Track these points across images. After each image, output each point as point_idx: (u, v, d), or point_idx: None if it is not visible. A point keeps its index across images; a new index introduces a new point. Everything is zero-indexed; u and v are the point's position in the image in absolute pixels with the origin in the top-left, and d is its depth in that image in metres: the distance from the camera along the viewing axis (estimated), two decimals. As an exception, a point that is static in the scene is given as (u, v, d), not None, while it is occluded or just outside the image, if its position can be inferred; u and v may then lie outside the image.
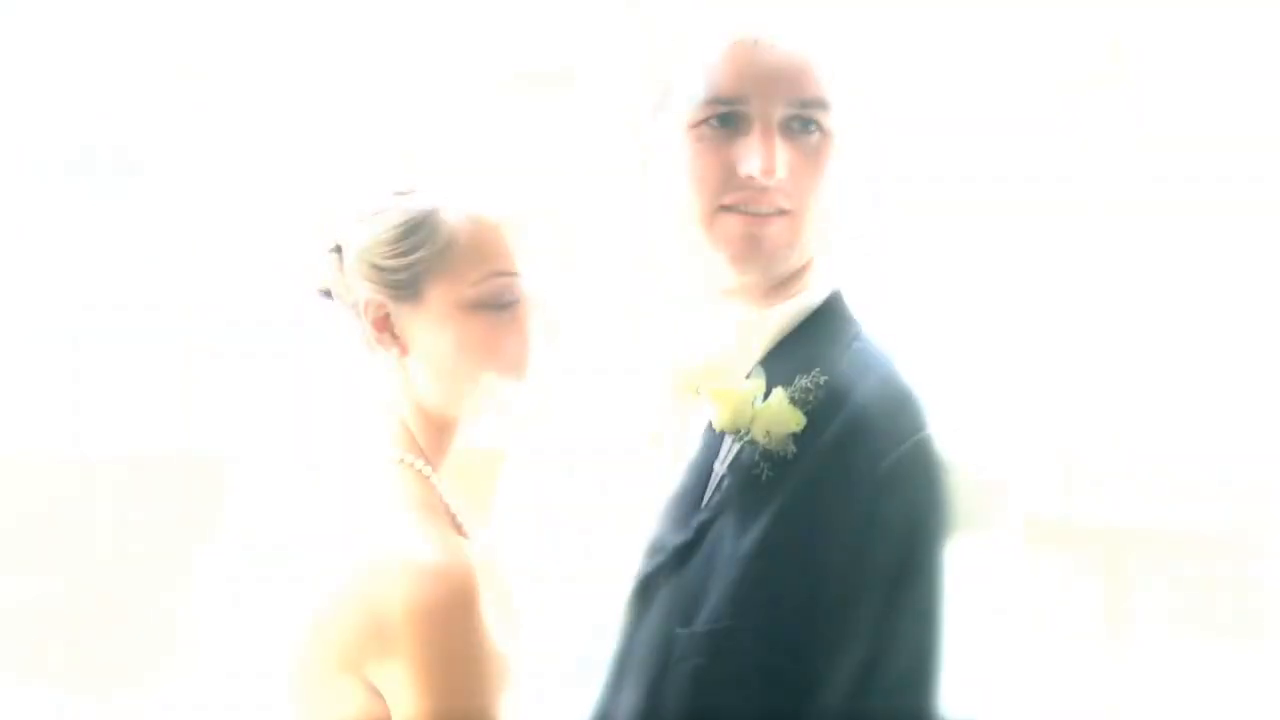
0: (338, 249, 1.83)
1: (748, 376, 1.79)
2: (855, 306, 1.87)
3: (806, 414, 1.75)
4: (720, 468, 1.80)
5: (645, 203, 1.89)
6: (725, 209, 1.78)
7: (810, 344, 1.81)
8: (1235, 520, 4.50)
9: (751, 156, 1.75)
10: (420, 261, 1.77)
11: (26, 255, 4.77)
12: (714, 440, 1.82)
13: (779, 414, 1.75)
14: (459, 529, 1.84)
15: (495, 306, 1.78)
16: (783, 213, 1.78)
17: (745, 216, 1.77)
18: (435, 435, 1.84)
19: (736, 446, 1.78)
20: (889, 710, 1.69)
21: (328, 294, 1.85)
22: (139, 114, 4.75)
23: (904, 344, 1.85)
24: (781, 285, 1.83)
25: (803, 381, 1.76)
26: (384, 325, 1.81)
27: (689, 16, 1.88)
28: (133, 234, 4.81)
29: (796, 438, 1.74)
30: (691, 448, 1.85)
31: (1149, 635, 4.51)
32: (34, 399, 4.81)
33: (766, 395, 1.77)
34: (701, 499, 1.80)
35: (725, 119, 1.77)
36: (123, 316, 4.87)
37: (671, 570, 1.78)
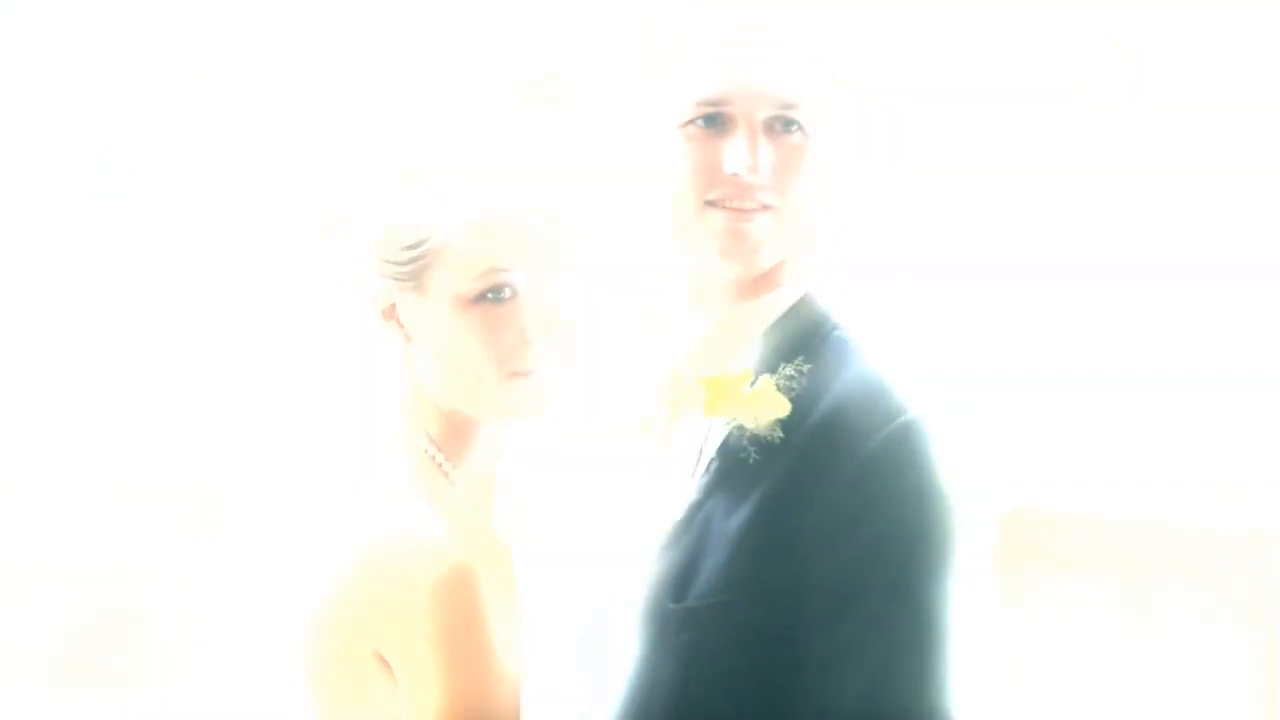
0: (353, 241, 1.91)
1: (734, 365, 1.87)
2: (836, 299, 1.94)
3: (791, 400, 1.82)
4: (709, 451, 1.87)
5: (641, 202, 1.96)
6: (711, 204, 1.85)
7: (793, 334, 1.89)
8: (1255, 516, 4.49)
9: (734, 155, 1.82)
10: (424, 255, 1.84)
11: (26, 265, 4.80)
12: (704, 425, 1.89)
13: (765, 400, 1.82)
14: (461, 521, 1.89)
15: (493, 301, 1.84)
16: (766, 208, 1.85)
17: (730, 211, 1.84)
18: (447, 426, 1.90)
19: (724, 431, 1.85)
20: (879, 697, 1.73)
21: (343, 284, 1.92)
22: (139, 118, 4.78)
23: (908, 335, 1.91)
24: (766, 278, 1.90)
25: (787, 369, 1.84)
26: (391, 314, 1.89)
27: (687, 18, 1.94)
28: (134, 237, 4.84)
29: (782, 423, 1.82)
30: (683, 433, 1.92)
31: (1168, 631, 4.49)
32: (33, 403, 4.84)
33: (753, 383, 1.84)
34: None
35: (711, 119, 1.84)
36: (123, 320, 4.89)
37: (663, 549, 1.85)
